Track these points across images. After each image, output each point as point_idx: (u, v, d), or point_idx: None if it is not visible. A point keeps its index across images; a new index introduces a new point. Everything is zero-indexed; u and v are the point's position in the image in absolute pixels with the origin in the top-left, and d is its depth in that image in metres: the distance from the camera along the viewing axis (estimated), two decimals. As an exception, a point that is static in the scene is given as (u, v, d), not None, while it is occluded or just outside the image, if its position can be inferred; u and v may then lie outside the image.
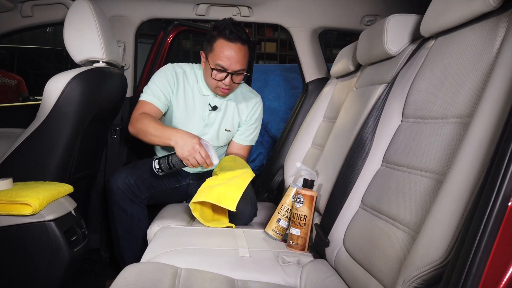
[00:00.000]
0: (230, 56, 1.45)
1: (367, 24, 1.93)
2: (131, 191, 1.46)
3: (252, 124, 1.71)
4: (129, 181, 1.45)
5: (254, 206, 1.49)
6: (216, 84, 1.52)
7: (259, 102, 1.72)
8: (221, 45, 1.45)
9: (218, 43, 1.46)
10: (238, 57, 1.46)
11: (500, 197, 0.52)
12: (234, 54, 1.45)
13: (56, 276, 1.14)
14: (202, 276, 0.95)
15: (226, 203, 1.27)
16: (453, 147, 0.75)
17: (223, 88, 1.52)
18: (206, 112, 1.61)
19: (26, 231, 1.12)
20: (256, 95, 1.73)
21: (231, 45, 1.45)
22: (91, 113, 1.41)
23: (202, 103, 1.60)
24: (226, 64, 1.46)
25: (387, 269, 0.79)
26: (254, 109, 1.70)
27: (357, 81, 1.46)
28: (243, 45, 1.47)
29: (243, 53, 1.47)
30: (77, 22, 1.40)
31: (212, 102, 1.61)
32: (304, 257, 1.11)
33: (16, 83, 4.34)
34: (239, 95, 1.67)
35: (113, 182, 1.45)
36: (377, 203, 0.94)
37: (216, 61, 1.46)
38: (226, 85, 1.50)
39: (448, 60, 0.88)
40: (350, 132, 1.21)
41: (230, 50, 1.45)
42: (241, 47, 1.46)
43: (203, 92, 1.60)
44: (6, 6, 1.71)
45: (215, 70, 1.47)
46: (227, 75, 1.48)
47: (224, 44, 1.45)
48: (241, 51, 1.47)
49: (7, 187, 1.17)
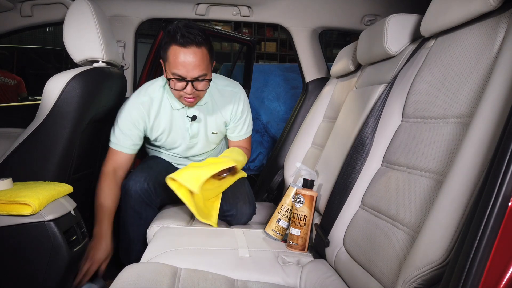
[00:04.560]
0: (185, 63, 1.32)
1: (367, 24, 1.93)
2: (148, 195, 1.43)
3: (240, 118, 1.61)
4: (148, 185, 1.41)
5: (252, 206, 1.49)
6: (179, 94, 1.41)
7: (239, 93, 1.59)
8: (174, 52, 1.32)
9: (171, 50, 1.33)
10: (195, 63, 1.32)
11: (500, 197, 0.52)
12: (190, 59, 1.32)
13: (55, 276, 1.14)
14: (202, 276, 0.95)
15: (191, 184, 1.26)
16: (453, 147, 0.75)
17: (187, 98, 1.40)
18: (187, 124, 1.54)
19: (26, 231, 1.11)
20: (234, 86, 1.60)
21: (184, 50, 1.31)
22: (90, 113, 1.40)
23: (180, 117, 1.53)
24: (183, 72, 1.33)
25: (387, 269, 0.79)
26: (236, 103, 1.58)
27: (357, 81, 1.46)
28: (198, 48, 1.32)
29: (200, 57, 1.33)
30: (76, 21, 1.39)
31: (190, 113, 1.52)
32: (304, 257, 1.11)
33: (15, 83, 4.34)
34: (216, 94, 1.56)
35: (132, 186, 1.41)
36: (377, 203, 0.94)
37: (172, 70, 1.34)
38: (188, 93, 1.38)
39: (448, 60, 0.88)
40: (350, 132, 1.21)
41: (185, 56, 1.31)
42: (197, 51, 1.32)
43: (176, 107, 1.51)
44: (5, 5, 1.71)
45: (172, 80, 1.37)
46: (187, 84, 1.36)
47: (177, 50, 1.32)
48: (197, 55, 1.32)
49: (6, 187, 1.17)
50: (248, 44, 2.85)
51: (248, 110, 1.64)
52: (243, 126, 1.64)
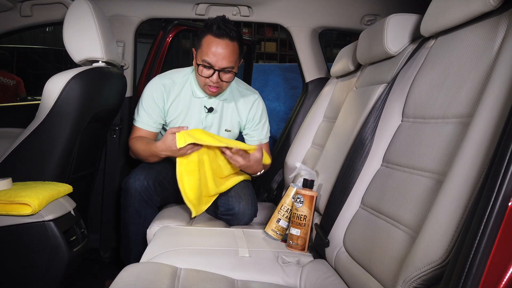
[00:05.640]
0: (217, 52, 1.41)
1: (367, 24, 1.93)
2: (148, 193, 1.44)
3: (258, 123, 1.68)
4: (148, 184, 1.44)
5: (254, 207, 1.49)
6: (204, 82, 1.48)
7: (258, 99, 1.69)
8: (208, 41, 1.42)
9: (206, 39, 1.43)
10: (225, 53, 1.42)
11: (500, 197, 0.52)
12: (221, 50, 1.41)
13: (55, 276, 1.14)
14: (202, 276, 0.95)
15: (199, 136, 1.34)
16: (453, 147, 0.75)
17: (211, 86, 1.48)
18: (203, 115, 1.59)
19: (26, 231, 1.11)
20: (254, 92, 1.70)
21: (218, 41, 1.41)
22: (90, 113, 1.40)
23: (197, 106, 1.59)
24: (213, 61, 1.42)
25: (387, 269, 0.79)
26: (254, 107, 1.67)
27: (357, 81, 1.46)
28: (231, 42, 1.42)
29: (231, 49, 1.43)
30: (76, 21, 1.39)
31: (208, 104, 1.58)
32: (304, 257, 1.11)
33: (15, 83, 4.34)
34: (236, 94, 1.64)
35: (132, 184, 1.43)
36: (377, 203, 0.94)
37: (203, 57, 1.43)
38: (213, 82, 1.46)
39: (448, 60, 0.87)
40: (350, 132, 1.21)
41: (217, 46, 1.41)
42: (229, 44, 1.42)
43: (197, 95, 1.58)
44: (5, 5, 1.70)
45: (201, 66, 1.45)
46: (214, 72, 1.44)
47: (211, 40, 1.42)
48: (229, 47, 1.42)
49: (6, 187, 1.17)
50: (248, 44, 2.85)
51: (266, 117, 1.72)
52: (262, 130, 1.71)
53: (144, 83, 2.27)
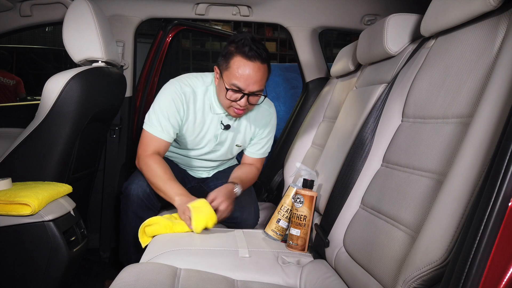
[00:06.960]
0: (248, 76, 1.31)
1: (367, 24, 1.93)
2: (150, 199, 1.41)
3: (264, 137, 1.60)
4: (150, 189, 1.39)
5: (256, 215, 1.50)
6: (229, 104, 1.38)
7: (272, 114, 1.60)
8: (239, 63, 1.31)
9: (235, 61, 1.32)
10: (257, 77, 1.32)
11: (500, 197, 0.52)
12: (253, 73, 1.31)
13: (55, 276, 1.14)
14: (202, 276, 0.95)
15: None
16: (453, 147, 0.75)
17: (237, 109, 1.38)
18: (219, 131, 1.50)
19: (25, 231, 1.11)
20: (270, 106, 1.61)
21: (249, 64, 1.31)
22: (90, 113, 1.40)
23: (214, 122, 1.49)
24: (243, 85, 1.32)
25: (387, 269, 0.79)
26: (267, 123, 1.58)
27: (357, 80, 1.46)
28: (262, 64, 1.33)
29: (262, 72, 1.34)
30: (76, 21, 1.39)
31: (225, 121, 1.49)
32: (304, 258, 1.11)
33: (14, 83, 4.34)
34: (253, 109, 1.53)
35: (134, 190, 1.39)
36: (377, 203, 0.94)
37: (232, 80, 1.32)
38: (241, 106, 1.36)
39: (448, 60, 0.87)
40: (350, 132, 1.21)
41: (249, 69, 1.31)
42: (260, 66, 1.32)
43: (215, 111, 1.47)
44: (5, 5, 1.70)
45: (230, 90, 1.34)
46: (242, 96, 1.34)
47: (242, 62, 1.31)
48: (260, 70, 1.33)
49: (6, 187, 1.17)
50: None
51: (273, 132, 1.64)
52: (264, 145, 1.62)
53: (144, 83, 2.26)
